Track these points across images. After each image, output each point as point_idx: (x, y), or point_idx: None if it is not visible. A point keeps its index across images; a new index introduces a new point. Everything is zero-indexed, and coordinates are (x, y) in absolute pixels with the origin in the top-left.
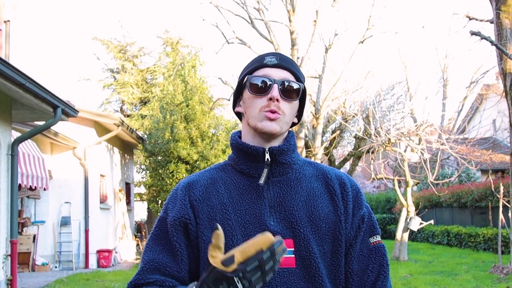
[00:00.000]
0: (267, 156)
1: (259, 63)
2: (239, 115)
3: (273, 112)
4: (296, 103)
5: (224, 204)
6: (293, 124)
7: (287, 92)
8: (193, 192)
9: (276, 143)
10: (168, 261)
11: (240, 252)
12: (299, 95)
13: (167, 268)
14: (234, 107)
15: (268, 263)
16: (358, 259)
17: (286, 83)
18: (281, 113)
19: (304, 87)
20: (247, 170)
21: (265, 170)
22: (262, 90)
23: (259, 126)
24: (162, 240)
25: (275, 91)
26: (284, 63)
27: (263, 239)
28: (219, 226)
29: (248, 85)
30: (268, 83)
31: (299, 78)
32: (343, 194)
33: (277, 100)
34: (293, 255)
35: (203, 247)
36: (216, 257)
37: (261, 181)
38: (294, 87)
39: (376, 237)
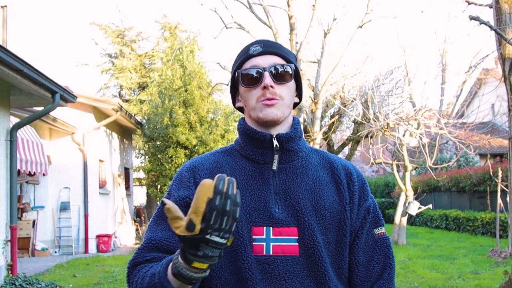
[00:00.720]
0: (275, 142)
1: (245, 54)
2: (241, 109)
3: (269, 99)
4: (292, 84)
5: None
6: (296, 105)
7: (280, 76)
8: (198, 174)
9: (281, 129)
10: (167, 237)
11: (194, 213)
12: (292, 75)
13: (165, 244)
14: (234, 103)
15: (226, 204)
16: (363, 250)
17: (277, 67)
18: (278, 98)
19: (295, 66)
20: (253, 156)
21: (276, 156)
22: (254, 81)
23: (260, 116)
24: (164, 220)
25: (267, 79)
26: (269, 48)
27: (204, 188)
28: (167, 201)
29: (240, 80)
30: (259, 72)
31: (288, 59)
32: (349, 184)
33: (271, 86)
34: (297, 243)
35: None
36: (179, 226)
37: (274, 166)
38: (286, 69)
39: (381, 228)
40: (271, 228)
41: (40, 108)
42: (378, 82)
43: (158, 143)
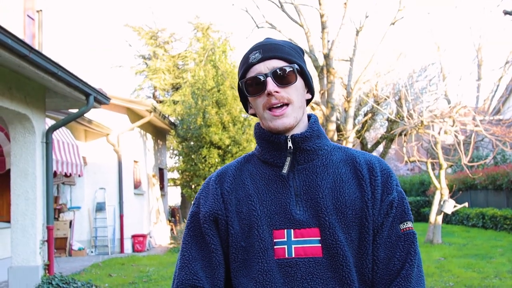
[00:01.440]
0: (290, 144)
1: (246, 64)
2: (255, 115)
3: (276, 108)
4: (299, 83)
5: (250, 196)
6: (309, 101)
7: (283, 79)
8: (224, 183)
9: (296, 130)
10: (203, 275)
11: None
12: (297, 75)
13: (201, 283)
14: (246, 110)
15: None
16: (384, 246)
17: (278, 71)
18: (287, 101)
19: (299, 64)
20: (271, 159)
21: (288, 159)
22: (258, 89)
23: (271, 126)
24: (197, 238)
25: (270, 85)
26: (269, 53)
27: None
28: None
29: (245, 90)
30: (261, 80)
31: (290, 59)
32: (371, 179)
33: (277, 91)
34: (319, 244)
35: (230, 240)
36: None
37: (284, 170)
38: (288, 71)
39: (407, 223)
40: (292, 230)
41: (75, 110)
42: (412, 79)
43: (191, 143)
